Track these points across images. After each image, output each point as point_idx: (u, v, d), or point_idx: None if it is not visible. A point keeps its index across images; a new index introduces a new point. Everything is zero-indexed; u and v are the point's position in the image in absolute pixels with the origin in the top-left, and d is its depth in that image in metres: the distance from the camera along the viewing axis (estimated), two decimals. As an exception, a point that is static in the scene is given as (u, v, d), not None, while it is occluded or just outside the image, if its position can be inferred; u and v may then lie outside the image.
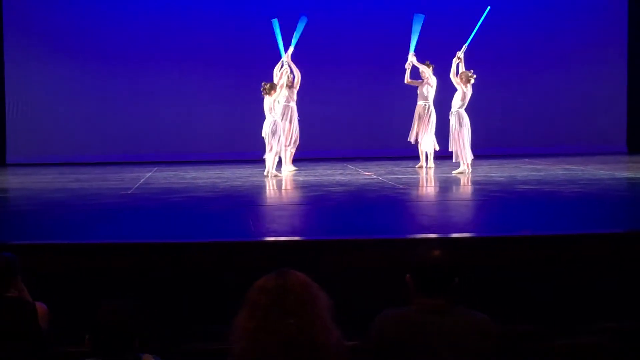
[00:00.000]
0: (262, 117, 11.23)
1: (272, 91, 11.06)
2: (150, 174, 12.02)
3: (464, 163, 11.34)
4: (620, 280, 5.33)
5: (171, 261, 5.45)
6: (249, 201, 8.87)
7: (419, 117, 12.18)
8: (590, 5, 15.64)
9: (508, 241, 5.71)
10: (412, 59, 12.22)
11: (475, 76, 11.38)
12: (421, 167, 12.23)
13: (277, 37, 11.75)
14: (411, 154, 12.80)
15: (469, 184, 10.27)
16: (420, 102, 12.24)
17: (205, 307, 5.13)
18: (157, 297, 5.12)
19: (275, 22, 11.80)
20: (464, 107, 11.37)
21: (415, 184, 10.65)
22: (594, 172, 11.32)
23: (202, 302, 5.21)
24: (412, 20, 12.34)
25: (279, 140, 11.15)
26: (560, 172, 11.32)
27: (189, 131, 15.08)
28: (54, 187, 10.28)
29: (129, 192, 9.56)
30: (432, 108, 12.15)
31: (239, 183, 10.52)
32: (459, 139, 11.32)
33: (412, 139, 12.27)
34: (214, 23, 15.06)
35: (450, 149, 11.54)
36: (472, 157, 11.40)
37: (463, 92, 11.32)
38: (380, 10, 15.16)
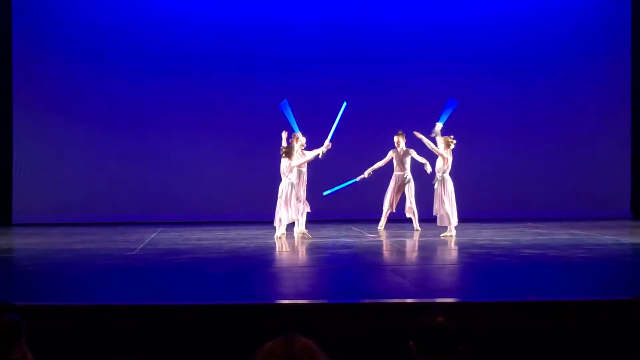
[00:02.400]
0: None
1: (290, 154, 11.11)
2: (154, 234, 12.03)
3: (451, 226, 11.41)
4: (627, 347, 5.28)
5: (173, 323, 5.42)
6: (254, 263, 8.85)
7: (399, 188, 12.44)
8: (592, 70, 15.78)
9: (513, 307, 5.68)
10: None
11: (455, 141, 11.49)
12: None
13: (289, 117, 11.70)
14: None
15: (473, 248, 10.24)
16: (399, 173, 12.42)
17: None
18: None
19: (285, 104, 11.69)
20: (448, 172, 11.48)
21: (420, 247, 10.63)
22: (598, 237, 11.30)
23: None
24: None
25: (298, 200, 11.18)
26: (565, 237, 11.30)
27: (194, 191, 15.12)
28: (59, 248, 10.28)
29: (133, 252, 9.56)
30: (410, 176, 12.45)
31: (244, 244, 10.52)
32: (445, 204, 11.36)
33: (410, 214, 12.45)
34: (219, 85, 15.22)
35: (434, 213, 11.62)
36: (457, 222, 11.50)
37: (445, 158, 11.45)
38: (378, 76, 15.31)
